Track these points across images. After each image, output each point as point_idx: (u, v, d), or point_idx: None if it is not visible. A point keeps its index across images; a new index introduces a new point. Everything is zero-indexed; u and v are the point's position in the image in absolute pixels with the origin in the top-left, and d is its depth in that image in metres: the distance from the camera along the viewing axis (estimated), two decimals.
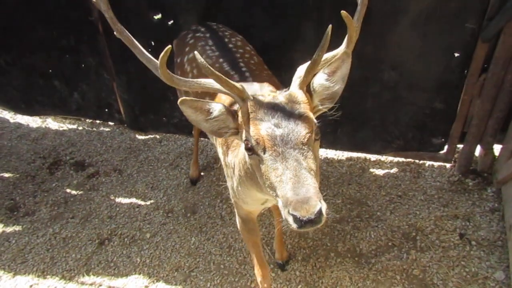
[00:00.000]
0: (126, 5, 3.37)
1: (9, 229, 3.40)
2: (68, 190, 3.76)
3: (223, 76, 1.50)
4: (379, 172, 3.62)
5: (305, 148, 1.42)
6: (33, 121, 4.78)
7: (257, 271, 2.42)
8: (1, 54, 4.18)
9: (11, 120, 4.83)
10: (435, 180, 3.46)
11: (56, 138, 4.48)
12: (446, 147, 3.45)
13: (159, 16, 3.42)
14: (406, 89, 3.21)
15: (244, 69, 2.34)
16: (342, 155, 3.83)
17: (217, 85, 1.56)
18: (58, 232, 3.34)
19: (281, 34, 3.22)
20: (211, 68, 1.45)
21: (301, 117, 1.44)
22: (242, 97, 1.54)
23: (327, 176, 3.61)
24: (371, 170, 3.66)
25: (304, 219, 1.29)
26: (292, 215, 1.32)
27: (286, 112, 1.44)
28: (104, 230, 3.32)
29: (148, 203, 3.55)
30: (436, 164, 3.60)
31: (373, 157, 3.77)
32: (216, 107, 1.59)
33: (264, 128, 1.44)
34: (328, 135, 3.66)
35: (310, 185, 1.35)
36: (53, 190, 3.78)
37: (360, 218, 3.19)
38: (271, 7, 3.14)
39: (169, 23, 3.41)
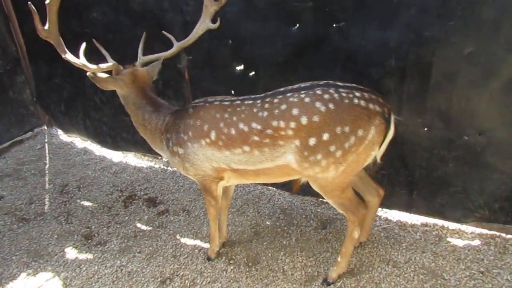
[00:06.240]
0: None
1: (82, 256, 3.58)
2: (138, 225, 3.92)
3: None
4: (458, 242, 3.32)
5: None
6: (115, 156, 5.13)
7: None
8: (98, 93, 4.62)
9: (97, 153, 5.23)
10: None
11: (134, 173, 4.75)
12: None
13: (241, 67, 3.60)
14: (495, 156, 2.98)
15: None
16: (417, 220, 3.59)
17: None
18: (124, 265, 3.45)
19: None
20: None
21: None
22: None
23: (399, 241, 3.38)
24: (449, 239, 3.37)
25: None
26: None
27: None
28: (167, 269, 3.37)
29: None
30: None
31: (451, 225, 3.48)
32: None
33: None
34: (403, 197, 3.47)
35: None
36: (125, 223, 3.96)
37: None
38: (352, 63, 3.15)
39: (250, 74, 3.57)
